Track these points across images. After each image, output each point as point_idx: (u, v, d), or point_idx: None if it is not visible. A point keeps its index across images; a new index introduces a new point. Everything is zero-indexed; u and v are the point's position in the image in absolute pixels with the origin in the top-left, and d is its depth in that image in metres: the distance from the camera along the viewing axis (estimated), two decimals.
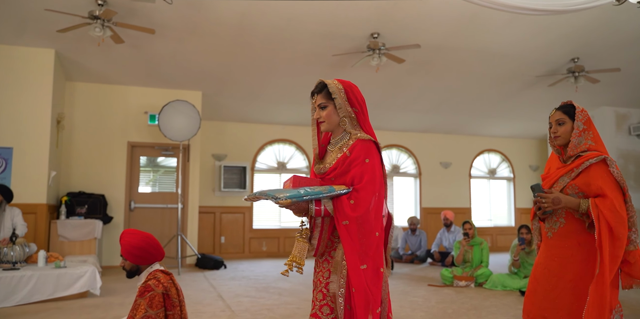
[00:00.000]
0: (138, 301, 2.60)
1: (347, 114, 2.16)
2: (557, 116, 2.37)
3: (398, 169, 10.69)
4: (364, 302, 1.96)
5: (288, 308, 4.57)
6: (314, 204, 2.03)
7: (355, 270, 1.99)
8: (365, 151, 2.09)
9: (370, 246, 2.01)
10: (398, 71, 7.66)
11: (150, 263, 2.76)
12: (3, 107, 6.48)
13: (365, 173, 2.05)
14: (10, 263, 5.00)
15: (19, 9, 5.80)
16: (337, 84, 2.17)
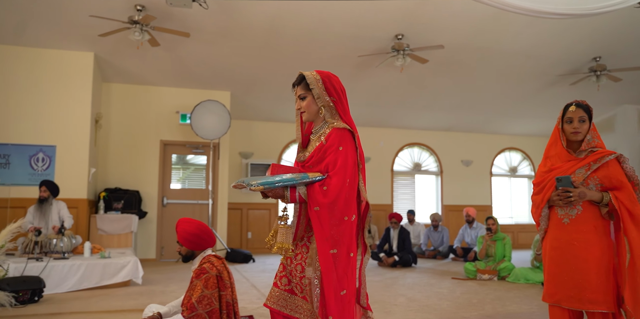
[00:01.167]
0: (194, 282, 2.87)
1: (325, 103, 2.25)
2: (579, 113, 2.59)
3: (420, 167, 10.88)
4: (330, 285, 2.06)
5: None
6: (289, 190, 2.13)
7: (324, 255, 2.07)
8: (339, 139, 2.17)
9: (342, 231, 2.09)
10: (421, 71, 7.85)
11: (204, 249, 3.03)
12: (47, 107, 6.86)
13: (338, 160, 2.13)
14: (60, 252, 5.34)
15: (62, 16, 6.15)
16: (315, 75, 2.28)
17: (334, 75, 2.32)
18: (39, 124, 6.83)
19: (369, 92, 8.77)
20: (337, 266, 2.08)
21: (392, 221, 7.80)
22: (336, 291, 2.08)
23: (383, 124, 10.43)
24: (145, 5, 5.91)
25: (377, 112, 9.75)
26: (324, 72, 2.30)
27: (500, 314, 4.09)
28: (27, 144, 6.80)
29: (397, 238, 7.69)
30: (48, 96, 6.89)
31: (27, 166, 6.78)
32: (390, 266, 7.43)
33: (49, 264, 4.95)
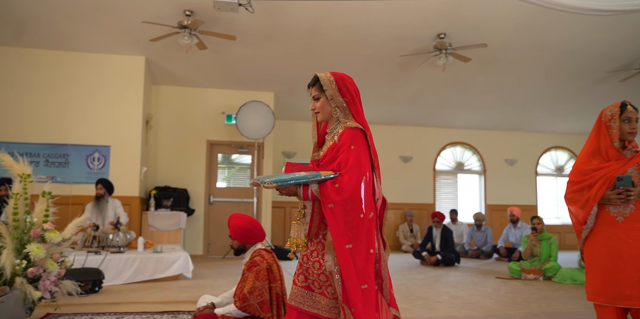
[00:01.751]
0: (246, 274, 3.02)
1: (339, 104, 2.29)
2: (636, 114, 2.64)
3: (462, 166, 10.79)
4: (349, 278, 2.11)
5: None
6: (302, 188, 2.19)
7: (341, 249, 2.12)
8: (351, 138, 2.21)
9: (358, 227, 2.13)
10: (463, 70, 7.81)
11: (254, 243, 3.18)
12: (102, 110, 7.22)
13: (350, 158, 2.17)
14: (116, 247, 5.64)
15: (117, 23, 6.47)
16: (329, 76, 2.31)
17: (348, 76, 2.36)
18: (95, 125, 7.19)
19: (411, 91, 8.79)
20: (355, 261, 2.13)
21: (434, 220, 7.79)
22: (356, 285, 2.12)
23: (425, 124, 10.40)
24: (193, 10, 6.14)
25: (419, 111, 9.74)
26: (338, 74, 2.35)
27: (546, 313, 4.07)
28: (84, 144, 7.17)
29: (440, 237, 7.68)
30: (103, 98, 7.24)
31: (84, 165, 7.16)
32: (433, 265, 7.43)
33: (107, 258, 5.24)
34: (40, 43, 6.97)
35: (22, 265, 3.21)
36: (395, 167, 10.36)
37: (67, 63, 7.18)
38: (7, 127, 6.94)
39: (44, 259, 3.37)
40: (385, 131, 10.36)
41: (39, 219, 3.47)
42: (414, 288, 5.30)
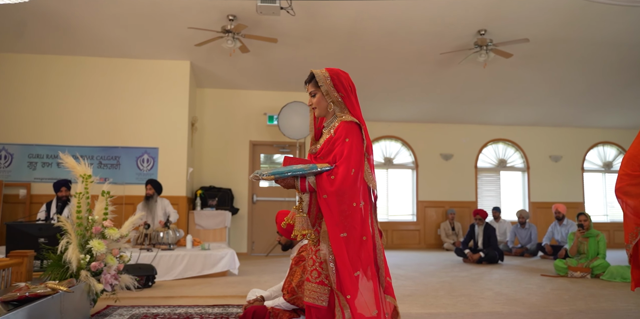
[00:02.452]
0: (294, 268, 3.15)
1: (334, 99, 2.39)
2: None
3: (505, 163, 10.64)
4: (344, 266, 2.20)
5: (407, 289, 4.97)
6: (299, 180, 2.28)
7: (335, 238, 2.22)
8: (346, 131, 2.30)
9: (352, 216, 2.23)
10: (505, 65, 7.73)
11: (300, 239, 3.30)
12: (150, 113, 7.53)
13: (345, 151, 2.27)
14: (166, 244, 5.90)
15: (163, 29, 6.74)
16: (324, 72, 2.43)
17: (343, 72, 2.47)
18: (144, 128, 7.51)
19: (451, 88, 8.75)
20: (348, 249, 2.22)
21: (476, 218, 7.75)
22: (350, 272, 2.21)
23: (466, 121, 10.32)
24: (236, 15, 6.34)
25: (459, 108, 9.68)
26: (334, 70, 2.45)
27: (594, 310, 4.03)
28: (134, 146, 7.50)
29: (483, 235, 7.63)
30: (151, 102, 7.55)
31: (134, 166, 7.49)
32: (476, 263, 7.39)
33: (158, 254, 5.49)
34: (91, 51, 7.33)
35: (85, 259, 3.44)
36: (436, 165, 10.33)
37: (116, 69, 7.52)
38: (63, 132, 7.34)
39: (105, 254, 3.59)
40: (425, 129, 10.33)
41: (99, 217, 3.70)
42: (457, 284, 5.32)
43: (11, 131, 7.26)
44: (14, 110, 7.28)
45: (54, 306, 2.86)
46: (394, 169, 10.36)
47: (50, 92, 7.38)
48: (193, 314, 3.69)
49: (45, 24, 6.62)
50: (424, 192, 10.27)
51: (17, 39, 6.98)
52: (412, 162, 10.34)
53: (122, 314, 3.68)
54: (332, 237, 2.23)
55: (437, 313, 3.85)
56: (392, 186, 10.34)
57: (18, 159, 7.25)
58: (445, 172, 10.32)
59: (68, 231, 3.50)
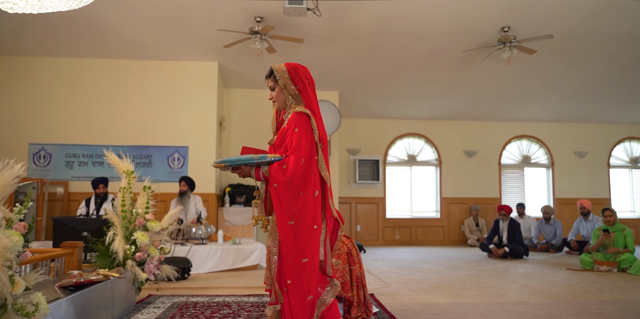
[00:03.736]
0: None
1: (291, 92, 2.51)
2: None
3: (529, 159, 10.64)
4: (289, 252, 2.29)
5: (433, 281, 5.10)
6: (254, 170, 2.40)
7: (282, 226, 2.31)
8: (295, 122, 2.41)
9: (300, 205, 2.31)
10: (529, 62, 7.77)
11: None
12: (180, 113, 7.78)
13: (294, 140, 2.37)
14: (199, 239, 6.12)
15: (192, 31, 6.97)
16: (282, 67, 2.54)
17: (302, 66, 2.58)
18: (174, 127, 7.76)
19: (474, 86, 8.81)
20: (296, 237, 2.31)
21: (501, 213, 7.81)
22: (296, 258, 2.30)
23: (489, 118, 10.35)
24: (263, 16, 6.53)
25: (483, 105, 9.72)
26: (292, 64, 2.57)
27: (620, 301, 4.10)
28: (165, 145, 7.76)
29: (507, 230, 7.69)
30: (180, 103, 7.80)
31: (165, 164, 7.75)
32: (501, 258, 7.46)
33: (192, 248, 5.71)
34: (123, 53, 7.61)
35: (131, 250, 3.66)
36: (460, 162, 10.39)
37: (148, 71, 7.79)
38: (98, 132, 7.63)
39: (148, 245, 3.81)
40: (448, 126, 10.41)
41: (142, 211, 3.92)
42: (482, 277, 5.42)
43: (49, 131, 7.58)
44: (52, 112, 7.60)
45: (106, 291, 3.07)
46: (417, 166, 10.46)
47: (85, 94, 7.69)
48: (230, 302, 3.89)
49: (79, 29, 6.91)
50: (448, 189, 10.34)
51: (52, 44, 7.30)
52: (435, 159, 10.42)
53: (164, 302, 3.89)
54: (280, 224, 2.33)
55: (465, 302, 3.97)
56: (415, 183, 10.44)
57: (56, 158, 7.57)
58: (469, 169, 10.38)
59: (114, 224, 3.72)
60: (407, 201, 10.35)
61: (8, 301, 1.79)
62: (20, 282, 1.86)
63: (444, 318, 3.39)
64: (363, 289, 3.31)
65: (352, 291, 3.23)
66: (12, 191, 2.07)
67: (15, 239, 1.83)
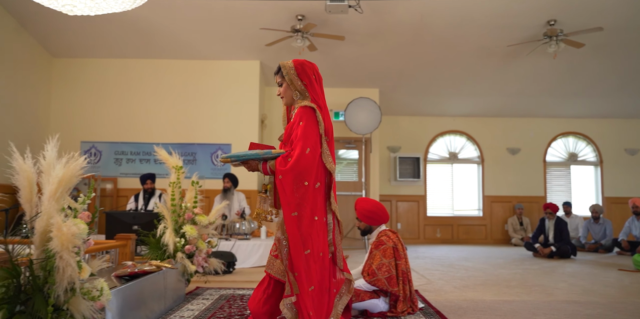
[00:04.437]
0: (374, 252, 3.33)
1: (298, 87, 2.56)
2: None
3: (576, 157, 10.33)
4: (293, 244, 2.35)
5: (478, 279, 5.03)
6: (261, 164, 2.48)
7: (288, 218, 2.37)
8: (300, 115, 2.48)
9: (302, 196, 2.36)
10: (576, 56, 7.55)
11: (379, 224, 3.47)
12: (223, 111, 7.93)
13: (299, 133, 2.43)
14: (242, 234, 6.23)
15: (235, 31, 7.10)
16: (289, 63, 2.60)
17: (309, 63, 2.63)
18: (217, 125, 7.92)
19: (518, 81, 8.62)
20: (300, 228, 2.36)
21: (547, 212, 7.61)
22: (300, 250, 2.35)
23: (533, 114, 10.10)
24: (305, 14, 6.59)
25: (527, 101, 9.50)
26: (299, 61, 2.62)
27: None
28: (209, 143, 7.92)
29: (554, 229, 7.49)
30: (223, 101, 7.96)
31: (209, 162, 7.92)
32: (547, 257, 7.28)
33: (235, 243, 5.83)
34: (168, 54, 7.82)
35: (180, 243, 3.77)
36: (503, 160, 10.18)
37: (192, 70, 7.98)
38: (145, 130, 7.88)
39: (196, 238, 3.92)
40: (491, 123, 10.22)
41: (190, 205, 4.03)
42: (528, 276, 5.31)
43: (99, 130, 7.87)
44: (101, 111, 7.89)
45: (159, 281, 3.18)
46: (458, 164, 10.31)
47: (132, 93, 7.95)
48: None
49: (126, 30, 7.15)
50: (490, 187, 10.16)
51: (101, 46, 7.57)
52: (477, 157, 10.25)
53: (212, 294, 3.99)
54: (285, 216, 2.40)
55: (512, 300, 3.91)
56: (457, 180, 10.30)
57: (106, 156, 7.86)
58: (512, 167, 10.16)
59: (165, 217, 3.85)
60: (448, 199, 10.22)
61: (76, 285, 1.89)
62: (86, 268, 1.96)
63: (492, 315, 3.35)
64: (409, 284, 3.31)
65: (398, 285, 3.24)
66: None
67: (82, 226, 1.93)
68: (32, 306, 1.85)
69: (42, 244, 1.94)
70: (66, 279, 1.86)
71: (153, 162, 7.90)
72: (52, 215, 1.89)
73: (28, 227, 2.02)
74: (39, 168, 2.18)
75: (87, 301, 1.96)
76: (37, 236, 1.96)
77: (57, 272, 1.85)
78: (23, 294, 1.91)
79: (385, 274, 3.22)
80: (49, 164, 2.11)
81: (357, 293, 3.22)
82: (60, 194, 2.02)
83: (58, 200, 1.99)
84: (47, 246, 1.92)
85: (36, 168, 2.20)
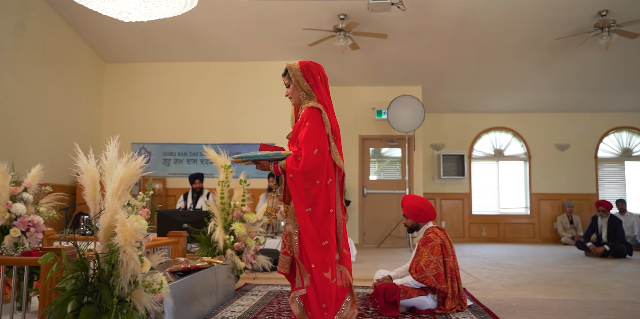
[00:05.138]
0: (421, 249, 3.33)
1: (304, 88, 2.64)
2: None
3: (630, 152, 9.92)
4: (309, 238, 2.41)
5: (527, 278, 4.93)
6: (273, 164, 2.58)
7: (300, 213, 2.45)
8: (307, 116, 2.55)
9: (316, 193, 2.44)
10: (628, 47, 7.24)
11: (426, 221, 3.47)
12: (266, 111, 8.06)
13: (305, 134, 2.50)
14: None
15: (278, 32, 7.19)
16: (295, 65, 2.68)
17: (315, 63, 2.71)
18: (261, 125, 8.05)
19: (566, 75, 8.36)
20: (314, 222, 2.46)
21: (599, 209, 7.36)
22: (316, 243, 2.45)
23: (583, 109, 9.77)
24: (347, 13, 6.61)
25: (575, 96, 9.20)
26: (305, 62, 2.70)
27: None
28: (253, 143, 8.06)
29: (607, 227, 7.24)
30: (265, 101, 8.08)
31: None
32: (600, 257, 7.04)
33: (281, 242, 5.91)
34: (213, 56, 8.00)
35: (230, 240, 3.87)
36: (551, 156, 9.91)
37: (235, 72, 8.14)
38: (191, 131, 8.10)
39: (245, 236, 4.01)
40: (537, 118, 9.96)
41: (239, 203, 4.13)
42: (580, 275, 5.16)
43: (149, 132, 8.15)
44: (150, 113, 8.17)
45: (210, 277, 3.29)
46: (504, 161, 10.10)
47: (179, 96, 8.18)
48: None
49: (172, 35, 7.36)
50: (538, 184, 9.90)
51: (149, 50, 7.83)
52: (524, 154, 10.01)
53: (261, 291, 4.08)
54: (298, 212, 2.48)
55: (564, 299, 3.82)
56: (502, 178, 10.08)
57: (155, 156, 8.13)
58: (561, 164, 9.87)
59: (214, 215, 3.96)
60: (494, 197, 10.03)
61: (138, 278, 1.99)
62: (147, 262, 2.06)
63: (543, 313, 3.28)
64: (457, 282, 3.29)
65: (446, 282, 3.23)
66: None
67: (143, 222, 2.03)
68: (99, 298, 1.96)
69: (107, 239, 2.05)
70: (129, 272, 1.96)
71: (200, 162, 8.11)
72: (117, 211, 2.00)
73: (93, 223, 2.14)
74: (101, 168, 2.31)
75: (148, 293, 2.05)
76: (102, 231, 2.07)
77: (121, 265, 1.96)
78: (90, 287, 2.02)
79: (433, 271, 3.21)
80: (110, 164, 2.23)
81: (404, 290, 3.23)
82: (121, 192, 2.13)
83: (120, 198, 2.10)
84: (111, 241, 2.03)
85: (98, 168, 2.33)
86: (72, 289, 1.96)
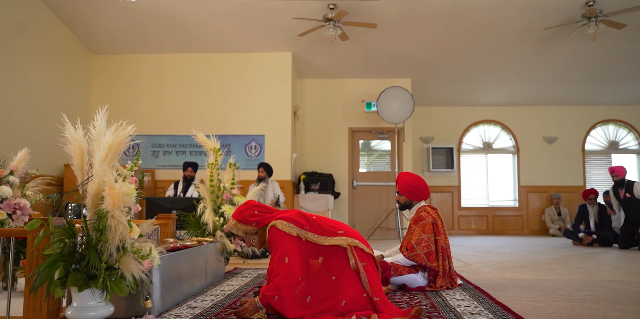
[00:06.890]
0: (413, 228, 3.32)
1: (252, 230, 2.65)
2: None
3: (616, 145, 10.03)
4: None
5: (517, 262, 4.95)
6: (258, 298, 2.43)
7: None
8: (271, 240, 2.51)
9: (313, 283, 2.40)
10: (617, 38, 7.33)
11: (419, 200, 3.47)
12: (257, 103, 8.03)
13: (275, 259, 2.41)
14: None
15: (267, 23, 7.17)
16: (231, 222, 2.68)
17: (243, 204, 2.72)
18: (251, 117, 8.03)
19: (555, 67, 8.42)
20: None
21: (590, 197, 7.42)
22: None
23: (571, 102, 9.86)
24: (336, 3, 6.60)
25: (564, 88, 9.28)
26: (235, 212, 2.70)
27: None
28: (242, 134, 8.03)
29: (597, 215, 7.30)
30: (256, 93, 8.05)
31: (243, 153, 8.03)
32: (587, 245, 7.10)
33: None
34: (203, 48, 7.96)
35: (219, 221, 3.85)
36: (539, 149, 9.98)
37: (223, 63, 8.10)
38: (181, 123, 8.04)
39: None
40: (526, 111, 10.03)
41: (228, 186, 4.11)
42: (569, 260, 5.20)
43: (137, 123, 8.02)
44: (139, 105, 8.10)
45: (200, 255, 3.26)
46: (493, 154, 10.16)
47: (168, 87, 8.12)
48: None
49: (162, 26, 7.31)
50: (526, 177, 9.97)
51: (139, 41, 7.76)
52: (512, 147, 10.08)
53: (250, 273, 4.06)
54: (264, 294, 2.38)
55: (553, 279, 3.84)
56: (491, 171, 10.15)
57: (144, 148, 8.06)
58: (549, 156, 9.95)
59: (204, 197, 3.93)
60: (483, 190, 10.09)
61: (127, 244, 1.96)
62: (135, 228, 2.03)
63: (532, 291, 3.30)
64: (448, 260, 3.30)
65: (437, 261, 3.23)
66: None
67: (131, 187, 2.00)
68: (86, 264, 1.93)
69: (95, 205, 2.02)
70: (117, 237, 1.93)
71: (189, 154, 8.06)
72: (105, 175, 1.97)
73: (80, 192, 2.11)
74: (89, 137, 2.28)
75: (136, 261, 2.03)
76: (90, 198, 2.04)
77: (109, 230, 1.93)
78: (78, 254, 1.99)
79: (424, 249, 3.21)
80: (98, 132, 2.20)
81: (395, 268, 3.22)
82: (110, 159, 2.10)
83: (108, 164, 2.07)
84: (99, 208, 2.00)
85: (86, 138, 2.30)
86: (59, 252, 1.93)
